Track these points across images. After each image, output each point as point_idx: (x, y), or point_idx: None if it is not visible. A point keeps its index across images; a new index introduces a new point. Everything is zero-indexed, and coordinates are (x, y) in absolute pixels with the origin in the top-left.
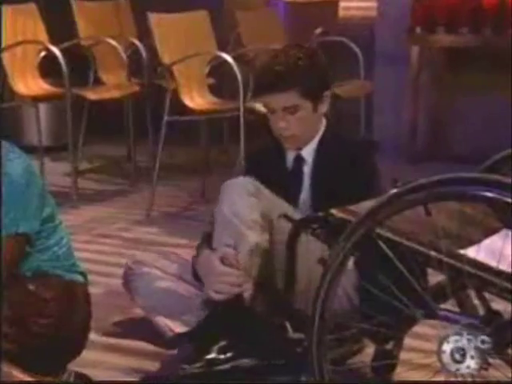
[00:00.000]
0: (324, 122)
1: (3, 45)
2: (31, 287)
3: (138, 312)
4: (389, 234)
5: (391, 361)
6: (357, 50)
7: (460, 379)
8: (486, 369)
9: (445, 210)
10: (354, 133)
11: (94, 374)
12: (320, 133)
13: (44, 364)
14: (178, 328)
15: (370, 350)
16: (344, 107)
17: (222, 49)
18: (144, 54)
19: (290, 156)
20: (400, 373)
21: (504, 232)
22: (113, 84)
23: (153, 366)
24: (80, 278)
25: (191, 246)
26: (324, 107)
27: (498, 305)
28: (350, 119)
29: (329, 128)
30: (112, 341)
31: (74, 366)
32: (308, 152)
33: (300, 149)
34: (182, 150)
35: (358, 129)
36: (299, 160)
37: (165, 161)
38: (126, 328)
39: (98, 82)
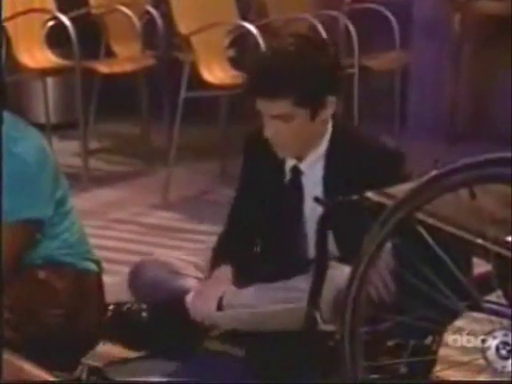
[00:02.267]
0: (330, 126)
1: (7, 13)
2: (42, 276)
3: None
4: (430, 220)
5: (430, 357)
6: (392, 17)
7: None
8: None
9: (491, 193)
10: (388, 110)
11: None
12: (325, 141)
13: (56, 357)
14: None
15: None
16: (377, 82)
17: (245, 18)
18: (159, 23)
19: (289, 163)
20: (440, 371)
21: None
22: (126, 56)
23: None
24: (93, 267)
25: (211, 231)
26: (327, 113)
27: None
28: (383, 95)
29: (337, 133)
30: None
31: (87, 360)
32: (308, 165)
33: (300, 158)
34: (201, 129)
35: (393, 105)
36: (296, 171)
37: (182, 140)
38: None
39: (109, 54)
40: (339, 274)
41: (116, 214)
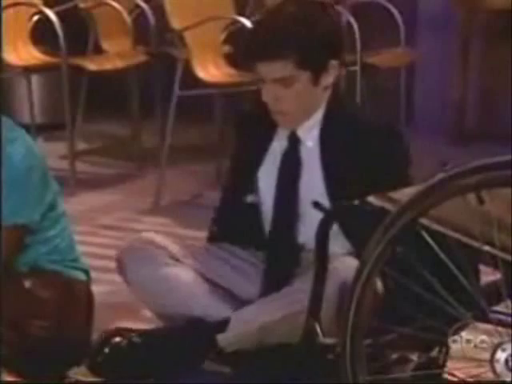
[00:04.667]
0: (327, 94)
1: None
2: (27, 285)
3: (146, 312)
4: (436, 226)
5: (436, 370)
6: (397, 12)
7: None
8: None
9: (500, 198)
10: (393, 109)
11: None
12: (322, 107)
13: (42, 370)
14: None
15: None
16: (382, 79)
17: (240, 12)
18: (151, 17)
19: (284, 133)
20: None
21: None
22: (115, 53)
23: None
24: (81, 276)
25: (206, 237)
26: (328, 79)
27: None
28: (388, 93)
29: (335, 101)
30: None
31: (75, 374)
32: (305, 131)
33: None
34: (195, 129)
35: (398, 104)
36: (294, 139)
37: (174, 141)
38: None
39: (98, 50)
40: (341, 265)
41: (104, 220)
